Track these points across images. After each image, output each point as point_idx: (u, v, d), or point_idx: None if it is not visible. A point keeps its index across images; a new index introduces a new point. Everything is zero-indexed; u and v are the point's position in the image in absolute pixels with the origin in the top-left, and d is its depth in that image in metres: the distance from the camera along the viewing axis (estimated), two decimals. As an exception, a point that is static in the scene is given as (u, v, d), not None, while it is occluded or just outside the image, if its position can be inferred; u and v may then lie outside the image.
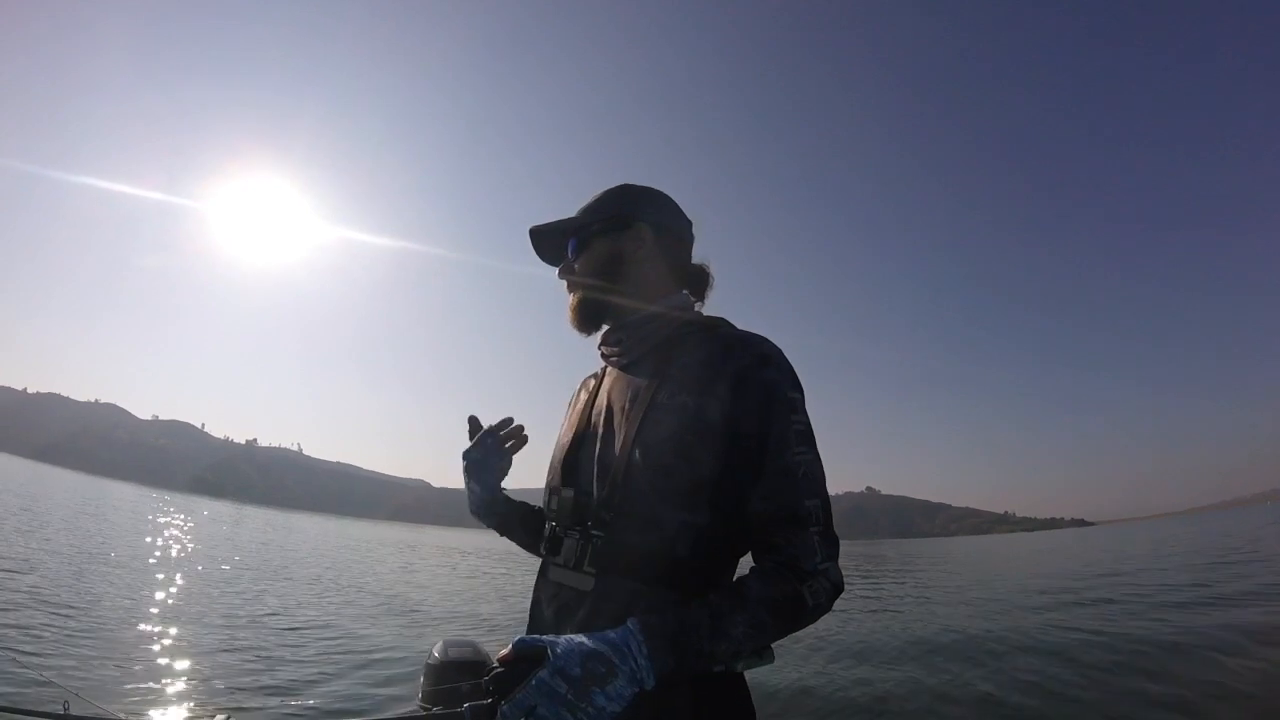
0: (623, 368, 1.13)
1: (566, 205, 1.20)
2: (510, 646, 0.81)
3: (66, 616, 6.50)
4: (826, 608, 0.91)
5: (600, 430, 1.08)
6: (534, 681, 0.76)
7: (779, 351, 1.02)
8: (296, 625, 7.78)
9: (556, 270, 1.20)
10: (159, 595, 8.79)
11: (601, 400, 1.12)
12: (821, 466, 0.98)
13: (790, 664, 6.38)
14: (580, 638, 0.81)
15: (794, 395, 0.98)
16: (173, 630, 6.69)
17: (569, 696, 0.75)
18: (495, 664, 0.81)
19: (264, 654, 6.11)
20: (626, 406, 1.05)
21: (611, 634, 0.82)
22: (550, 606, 1.03)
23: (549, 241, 1.21)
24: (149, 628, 6.65)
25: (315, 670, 5.70)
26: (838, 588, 0.92)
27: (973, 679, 6.04)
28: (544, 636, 0.82)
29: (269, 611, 8.55)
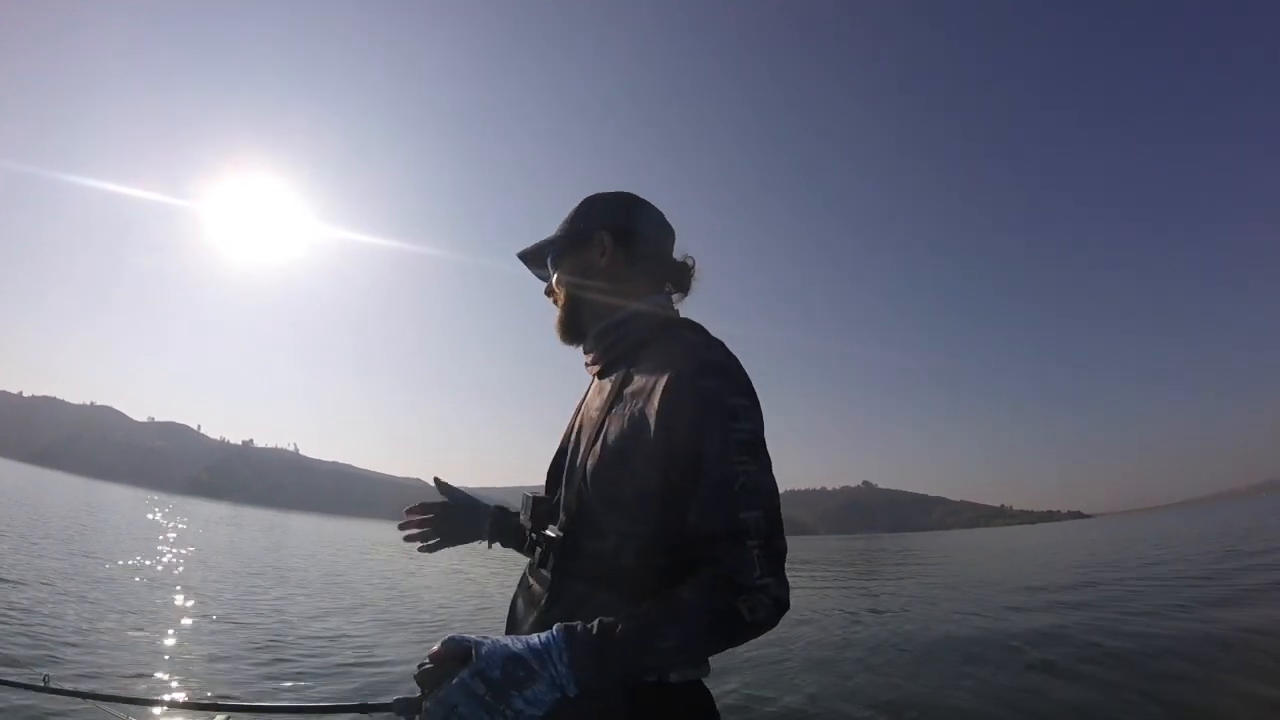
0: (598, 376, 1.17)
1: (560, 205, 1.22)
2: (440, 643, 0.82)
3: (67, 619, 6.53)
4: (770, 623, 0.86)
5: (575, 439, 1.13)
6: (455, 681, 0.77)
7: (723, 358, 0.98)
8: (295, 625, 7.79)
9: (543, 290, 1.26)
10: (159, 597, 8.78)
11: (583, 409, 1.17)
12: (767, 475, 0.92)
13: (774, 668, 6.43)
14: (508, 640, 0.82)
15: (736, 402, 0.93)
16: (172, 631, 6.71)
17: (487, 698, 0.76)
18: (426, 660, 0.81)
19: (263, 653, 6.15)
20: (595, 416, 1.08)
21: (535, 639, 0.82)
22: (521, 603, 1.09)
23: (538, 263, 1.26)
24: (149, 629, 6.67)
25: (315, 670, 5.74)
26: (780, 603, 0.87)
27: (976, 678, 6.09)
28: (472, 636, 0.83)
29: (268, 611, 8.56)
